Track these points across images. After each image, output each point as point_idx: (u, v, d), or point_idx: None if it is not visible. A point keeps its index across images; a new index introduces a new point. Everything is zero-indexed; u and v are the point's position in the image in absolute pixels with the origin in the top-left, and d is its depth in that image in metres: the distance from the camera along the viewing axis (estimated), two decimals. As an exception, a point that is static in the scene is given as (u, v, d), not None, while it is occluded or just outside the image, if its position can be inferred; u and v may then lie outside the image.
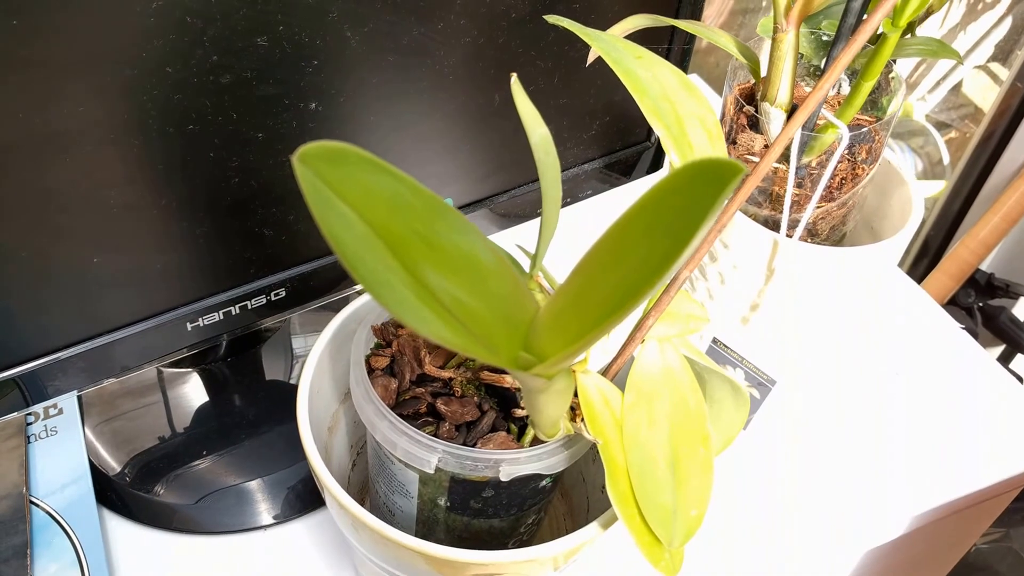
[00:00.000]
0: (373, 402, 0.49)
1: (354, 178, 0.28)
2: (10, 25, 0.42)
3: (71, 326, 0.55)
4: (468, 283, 0.31)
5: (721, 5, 1.43)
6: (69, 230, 0.51)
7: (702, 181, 0.22)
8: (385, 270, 0.29)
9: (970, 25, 1.75)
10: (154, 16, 0.46)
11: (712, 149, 0.41)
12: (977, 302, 1.59)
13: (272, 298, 0.62)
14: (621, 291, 0.26)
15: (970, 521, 0.84)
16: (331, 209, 0.27)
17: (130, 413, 0.72)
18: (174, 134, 0.51)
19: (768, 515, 0.71)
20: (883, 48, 0.50)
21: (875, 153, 0.56)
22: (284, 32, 0.51)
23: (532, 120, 0.40)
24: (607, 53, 0.40)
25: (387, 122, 0.59)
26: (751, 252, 0.58)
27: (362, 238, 0.28)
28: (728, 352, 0.62)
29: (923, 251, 1.85)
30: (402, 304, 0.29)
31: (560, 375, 0.37)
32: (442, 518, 0.52)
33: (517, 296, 0.32)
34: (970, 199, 1.74)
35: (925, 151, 1.85)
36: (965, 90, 1.83)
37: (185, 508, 0.67)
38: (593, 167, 0.75)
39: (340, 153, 0.28)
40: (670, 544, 0.42)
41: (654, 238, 0.24)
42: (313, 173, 0.27)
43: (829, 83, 0.38)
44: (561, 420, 0.47)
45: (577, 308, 0.30)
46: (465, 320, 0.31)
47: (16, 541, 0.60)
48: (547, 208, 0.43)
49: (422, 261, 0.30)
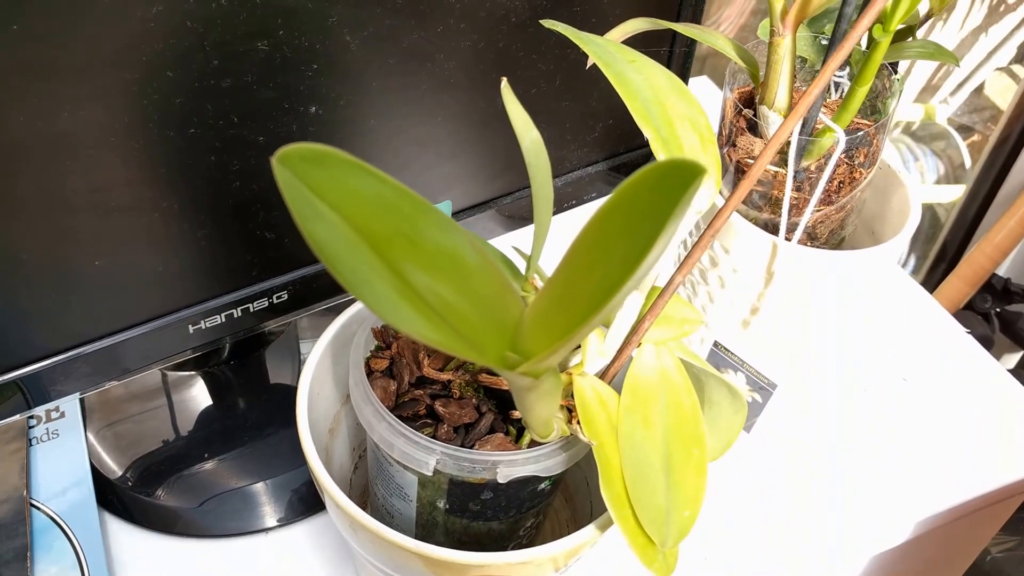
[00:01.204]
0: (372, 403, 0.49)
1: (336, 179, 0.28)
2: (10, 30, 0.43)
3: (73, 329, 0.56)
4: (453, 282, 0.31)
5: (743, 4, 1.42)
6: (71, 233, 0.51)
7: (668, 181, 0.22)
8: (367, 269, 0.29)
9: (992, 27, 1.74)
10: (154, 21, 0.46)
11: (703, 152, 0.41)
12: (994, 307, 1.58)
13: (274, 301, 0.62)
14: (602, 289, 0.27)
15: (977, 526, 0.84)
16: (311, 210, 0.28)
17: (132, 416, 0.73)
18: (175, 137, 0.51)
19: (772, 520, 0.70)
20: (875, 53, 0.50)
21: (873, 157, 0.56)
22: (284, 37, 0.51)
23: (523, 124, 0.40)
24: (599, 57, 0.40)
25: (388, 125, 0.59)
26: (750, 255, 0.58)
27: (344, 238, 0.28)
28: (729, 356, 0.62)
29: (941, 255, 1.84)
30: (383, 302, 0.29)
31: (548, 374, 0.37)
32: (441, 521, 0.52)
33: (503, 295, 0.32)
34: (987, 203, 1.73)
35: (947, 154, 1.84)
36: (987, 92, 1.81)
37: (187, 511, 0.67)
38: (597, 169, 0.75)
39: (321, 155, 0.28)
40: (663, 545, 0.43)
41: (627, 237, 0.24)
42: (293, 175, 0.27)
43: (819, 89, 0.38)
44: (556, 422, 0.47)
45: (560, 306, 0.30)
46: (451, 319, 0.31)
47: (16, 544, 0.61)
48: (539, 211, 0.43)
49: (406, 260, 0.30)
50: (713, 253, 0.60)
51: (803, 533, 0.70)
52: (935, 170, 1.85)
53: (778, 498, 0.72)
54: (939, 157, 1.85)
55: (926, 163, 1.85)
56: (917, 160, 1.85)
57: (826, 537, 0.70)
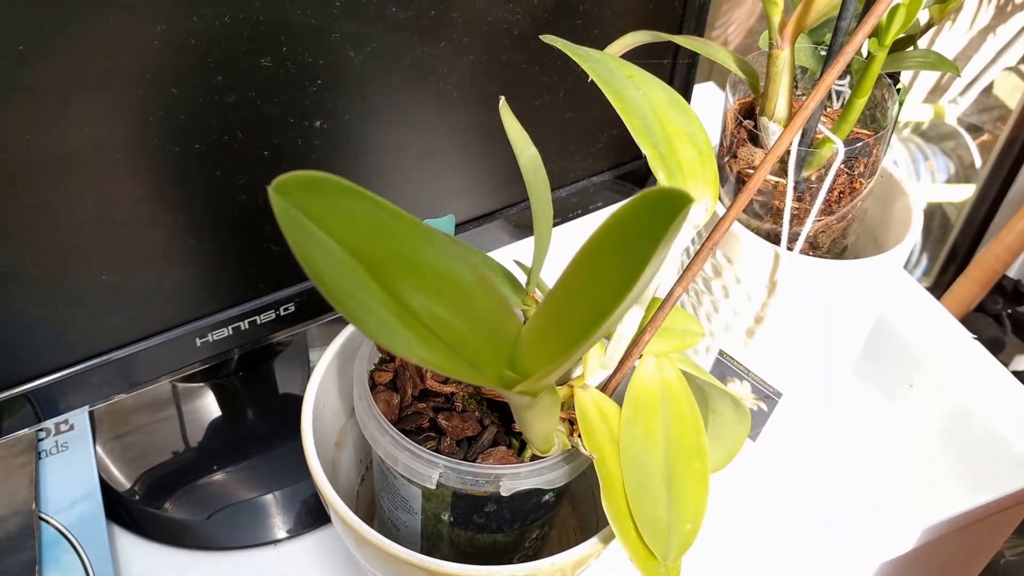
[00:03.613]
0: (375, 417, 0.49)
1: (333, 205, 0.29)
2: (16, 50, 0.43)
3: (81, 342, 0.56)
4: (451, 303, 0.32)
5: (752, 7, 1.43)
6: (78, 248, 0.52)
7: (657, 209, 0.23)
8: (364, 293, 0.29)
9: (999, 27, 1.74)
10: (159, 39, 0.47)
11: (701, 167, 0.41)
12: (1005, 309, 1.58)
13: (281, 313, 0.63)
14: (596, 310, 0.27)
15: (988, 532, 0.84)
16: (308, 236, 0.28)
17: (141, 428, 0.73)
18: (180, 153, 0.52)
19: (779, 528, 0.70)
20: (871, 66, 0.50)
21: (873, 167, 0.56)
22: (287, 53, 0.51)
23: (521, 141, 0.40)
24: (597, 74, 0.40)
25: (393, 138, 0.60)
26: (753, 265, 0.58)
27: (341, 263, 0.29)
28: (735, 365, 0.62)
29: (951, 256, 1.83)
30: (381, 326, 0.29)
31: (545, 392, 0.38)
32: (446, 533, 0.53)
33: (500, 314, 0.33)
34: (997, 203, 1.72)
35: (957, 154, 1.83)
36: (996, 92, 1.81)
37: (195, 524, 0.68)
38: (603, 179, 0.75)
39: (318, 182, 0.28)
40: (665, 558, 0.43)
41: (620, 260, 0.25)
42: (290, 203, 0.28)
43: (814, 103, 0.38)
44: (558, 435, 0.47)
45: (556, 327, 0.30)
46: (449, 339, 0.31)
47: (25, 558, 0.61)
48: (538, 226, 0.44)
49: (404, 282, 0.30)
50: (716, 263, 0.61)
51: (810, 541, 0.70)
52: (945, 170, 1.84)
53: (785, 506, 0.72)
54: (949, 157, 1.84)
55: (936, 163, 1.85)
56: (927, 160, 1.85)
57: (834, 544, 0.70)
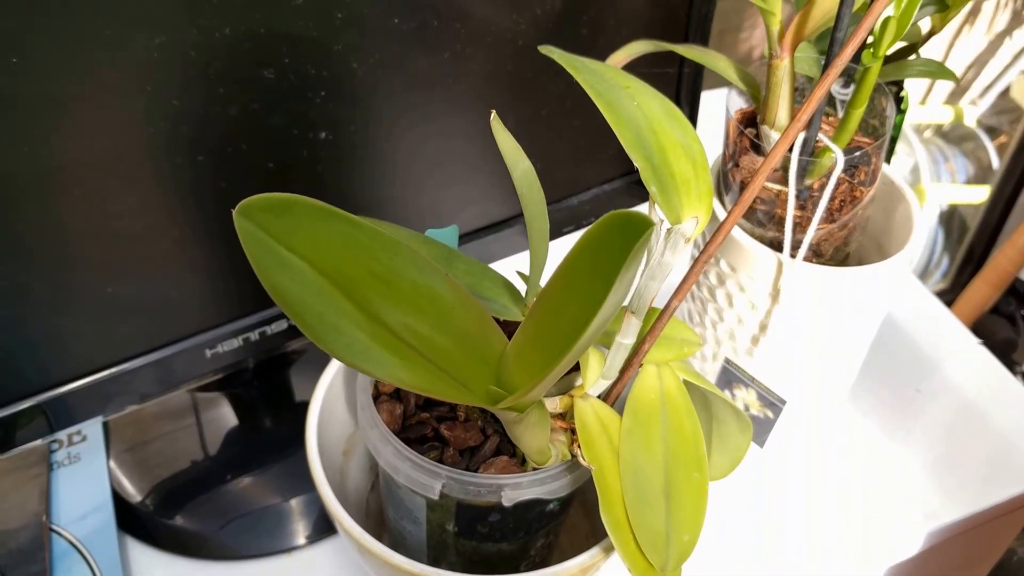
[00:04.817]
0: (378, 427, 0.49)
1: (302, 227, 0.29)
2: (10, 63, 0.43)
3: (91, 354, 0.56)
4: (432, 320, 0.32)
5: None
6: (86, 260, 0.52)
7: (620, 233, 0.23)
8: (335, 315, 0.29)
9: (1016, 31, 1.73)
10: (157, 51, 0.47)
11: (695, 179, 0.41)
12: (1019, 310, 1.57)
13: (291, 323, 0.63)
14: (573, 328, 0.27)
15: (997, 532, 0.83)
16: (274, 259, 0.28)
17: (154, 438, 0.73)
18: (184, 165, 0.52)
19: (788, 533, 0.70)
20: (867, 77, 0.51)
21: (873, 175, 0.56)
22: (290, 64, 0.52)
23: (513, 155, 0.40)
24: (591, 85, 0.41)
25: (400, 148, 0.60)
26: (756, 273, 0.58)
27: (311, 285, 0.29)
28: (740, 372, 0.62)
29: (968, 258, 1.83)
30: (352, 348, 0.29)
31: (533, 408, 0.38)
32: (451, 543, 0.53)
33: (484, 330, 0.33)
34: (1011, 204, 1.72)
35: (975, 155, 1.83)
36: (1012, 95, 1.80)
37: (208, 534, 0.68)
38: (614, 186, 0.75)
39: (285, 204, 0.28)
40: (663, 570, 0.43)
41: (591, 279, 0.25)
42: (255, 225, 0.28)
43: (807, 114, 0.38)
44: (557, 446, 0.47)
45: (536, 344, 0.30)
46: (433, 356, 0.32)
47: (35, 569, 0.61)
48: (533, 239, 0.44)
49: (382, 302, 0.30)
50: (720, 271, 0.61)
51: (819, 545, 0.70)
52: (964, 171, 1.84)
53: (793, 511, 0.72)
54: (968, 158, 1.84)
55: (956, 164, 1.84)
56: (947, 161, 1.84)
57: (842, 548, 0.69)
